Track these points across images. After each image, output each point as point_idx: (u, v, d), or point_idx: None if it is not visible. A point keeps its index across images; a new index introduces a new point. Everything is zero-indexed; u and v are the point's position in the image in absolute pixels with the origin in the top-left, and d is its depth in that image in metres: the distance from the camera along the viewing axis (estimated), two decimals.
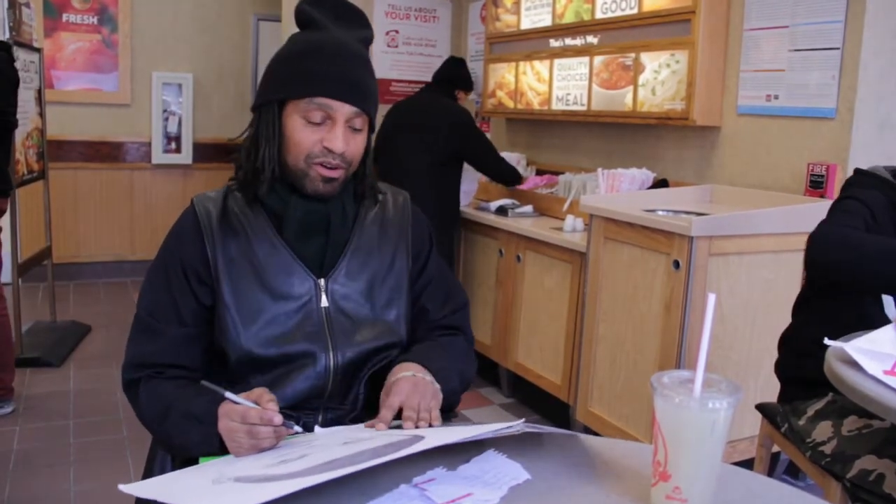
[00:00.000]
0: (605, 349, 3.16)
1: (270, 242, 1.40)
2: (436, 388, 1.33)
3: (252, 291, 1.38)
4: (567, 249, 3.50)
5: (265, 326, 1.37)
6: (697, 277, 2.74)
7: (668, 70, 3.53)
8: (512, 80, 4.70)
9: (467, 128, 4.13)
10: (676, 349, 2.79)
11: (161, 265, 1.43)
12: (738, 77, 3.43)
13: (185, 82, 6.42)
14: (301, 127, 1.35)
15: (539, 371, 3.75)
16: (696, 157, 3.71)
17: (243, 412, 1.19)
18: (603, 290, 3.15)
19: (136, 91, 6.31)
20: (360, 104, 1.37)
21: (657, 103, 3.59)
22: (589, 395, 3.25)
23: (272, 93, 1.38)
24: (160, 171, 6.45)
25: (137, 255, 6.45)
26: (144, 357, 1.39)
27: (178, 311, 1.40)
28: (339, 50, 1.37)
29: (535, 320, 3.78)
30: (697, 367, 0.95)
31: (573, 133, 4.58)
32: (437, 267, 1.59)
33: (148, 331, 1.40)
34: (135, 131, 6.34)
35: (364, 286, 1.45)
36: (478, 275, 4.23)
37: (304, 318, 1.39)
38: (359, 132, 1.40)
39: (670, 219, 2.87)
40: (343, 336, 1.40)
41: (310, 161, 1.36)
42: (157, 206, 6.47)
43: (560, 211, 4.00)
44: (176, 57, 6.42)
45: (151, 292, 1.42)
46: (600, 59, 3.95)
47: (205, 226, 1.40)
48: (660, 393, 0.95)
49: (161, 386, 1.37)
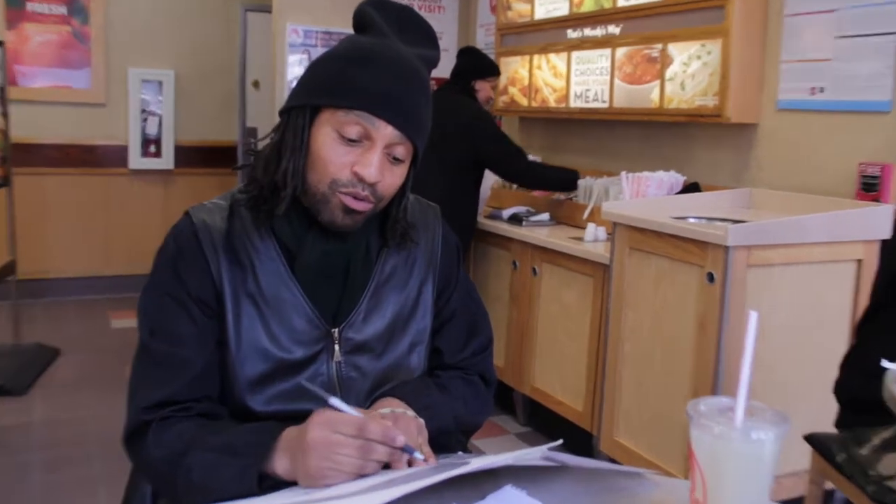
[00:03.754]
0: (631, 372, 3.14)
1: (281, 279, 1.35)
2: (419, 423, 1.29)
3: (255, 335, 1.33)
4: (588, 261, 3.49)
5: (266, 380, 1.33)
6: (735, 292, 2.71)
7: (699, 62, 3.51)
8: (526, 75, 4.70)
9: (483, 129, 4.08)
10: (712, 372, 2.76)
11: (162, 293, 1.35)
12: (779, 68, 3.41)
13: (166, 79, 6.44)
14: (332, 142, 1.29)
15: (558, 396, 3.74)
16: (732, 158, 3.69)
17: (360, 423, 1.12)
18: (628, 307, 3.14)
19: (111, 89, 6.33)
20: (407, 129, 1.30)
21: (687, 99, 3.58)
22: (614, 424, 3.23)
23: (306, 96, 1.32)
24: (138, 178, 6.46)
25: (113, 270, 6.46)
26: (166, 395, 1.30)
27: (195, 331, 1.33)
28: (396, 63, 1.31)
29: (553, 340, 3.76)
30: (738, 394, 0.93)
31: (594, 133, 4.57)
32: (462, 298, 1.56)
33: (166, 362, 1.32)
34: (110, 133, 6.36)
35: (384, 329, 1.42)
36: (489, 290, 4.22)
37: (311, 377, 1.35)
38: (398, 163, 1.33)
39: (703, 226, 2.86)
40: (355, 397, 1.37)
41: (334, 187, 1.29)
42: (135, 215, 6.48)
43: (580, 219, 3.99)
44: (155, 51, 6.44)
45: (159, 313, 1.34)
46: (623, 51, 3.94)
47: (208, 247, 1.34)
48: (696, 422, 0.93)
49: (181, 424, 1.29)
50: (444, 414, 1.41)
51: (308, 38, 5.29)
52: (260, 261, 1.35)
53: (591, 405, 3.50)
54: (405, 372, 1.44)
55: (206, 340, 1.34)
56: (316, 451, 1.13)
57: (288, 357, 1.34)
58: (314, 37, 5.31)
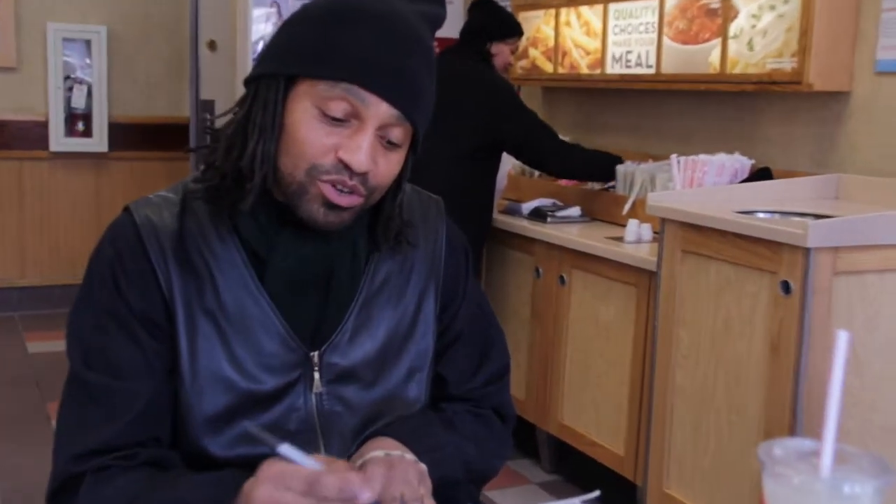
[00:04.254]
0: (686, 407, 3.15)
1: (246, 291, 1.36)
2: (420, 469, 1.30)
3: (215, 361, 1.34)
4: (630, 268, 3.48)
5: (229, 417, 1.34)
6: (817, 305, 2.71)
7: (772, 14, 3.51)
8: (551, 34, 4.70)
9: (504, 103, 4.09)
10: (789, 407, 2.76)
11: (98, 310, 1.35)
12: (879, 20, 3.40)
13: (96, 38, 6.46)
14: (311, 120, 1.29)
15: (593, 437, 3.74)
16: (814, 136, 3.69)
17: (312, 477, 1.10)
18: (681, 325, 3.14)
19: (25, 49, 6.35)
20: (406, 106, 1.30)
21: (756, 62, 3.58)
22: (664, 472, 3.23)
23: (279, 63, 1.32)
24: (62, 162, 6.48)
25: (29, 279, 6.48)
26: (104, 439, 1.30)
27: (140, 358, 1.33)
28: (391, 23, 1.31)
29: (587, 366, 3.76)
30: (825, 435, 0.93)
31: (636, 106, 4.58)
32: (471, 313, 1.57)
33: (103, 397, 1.32)
34: (24, 106, 6.38)
35: (374, 353, 1.43)
36: (506, 303, 4.21)
37: (285, 412, 1.36)
38: (395, 149, 1.33)
39: (777, 223, 2.86)
40: (340, 437, 1.39)
41: (314, 174, 1.29)
42: (59, 211, 6.50)
43: (619, 214, 3.98)
44: (82, 2, 6.46)
45: (94, 336, 1.35)
46: (674, 2, 3.94)
47: (154, 252, 1.34)
48: (771, 471, 0.93)
49: (122, 476, 1.28)
50: (451, 458, 1.41)
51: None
52: (220, 268, 1.35)
53: (635, 448, 3.50)
54: (402, 405, 1.44)
55: (154, 369, 1.34)
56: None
57: (256, 388, 1.35)
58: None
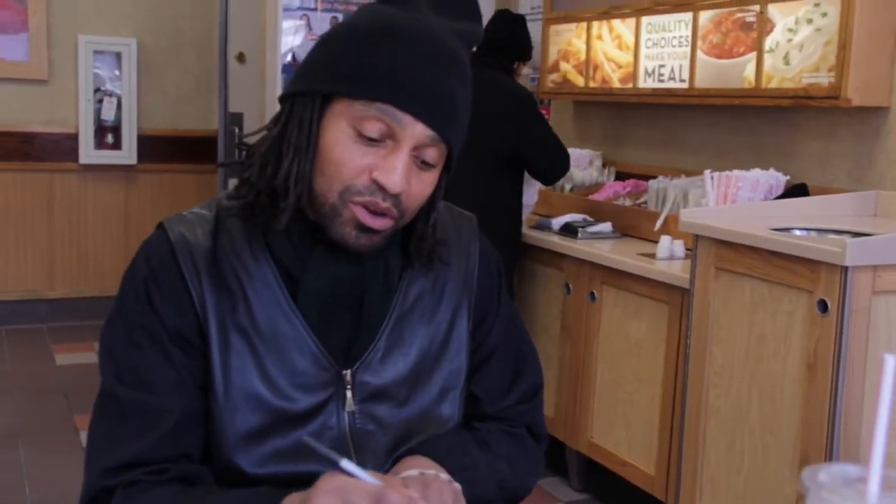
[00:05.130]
0: (719, 427, 3.13)
1: (279, 310, 1.36)
2: (456, 489, 1.30)
3: (248, 379, 1.35)
4: (662, 285, 3.49)
5: (261, 434, 1.35)
6: (855, 325, 2.70)
7: (808, 28, 3.50)
8: (582, 47, 4.70)
9: (529, 115, 4.11)
10: (826, 430, 2.74)
11: (131, 327, 1.36)
12: None
13: (126, 50, 6.50)
14: (347, 140, 1.29)
15: (623, 456, 3.74)
16: (852, 152, 3.68)
17: (377, 493, 1.11)
18: (715, 343, 3.13)
19: (56, 61, 6.39)
20: (442, 128, 1.31)
21: (793, 76, 3.57)
22: (697, 492, 3.22)
23: (316, 81, 1.33)
24: (91, 175, 6.52)
25: (58, 291, 6.52)
26: (135, 454, 1.31)
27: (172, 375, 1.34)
28: (430, 44, 1.32)
29: (618, 384, 3.76)
30: (872, 461, 0.91)
31: (669, 121, 4.58)
32: (505, 331, 1.57)
33: (135, 413, 1.33)
34: (55, 119, 6.42)
35: (407, 371, 1.43)
36: (536, 319, 4.22)
37: (318, 430, 1.37)
38: (429, 169, 1.34)
39: (813, 241, 2.85)
40: (373, 456, 1.39)
41: (347, 197, 1.30)
42: (88, 223, 6.54)
43: (651, 230, 4.00)
44: (113, 15, 6.51)
45: (127, 352, 1.36)
46: (708, 16, 3.94)
47: (188, 269, 1.36)
48: (816, 496, 0.91)
49: (152, 490, 1.29)
50: (485, 477, 1.42)
51: (307, 0, 5.32)
52: (253, 287, 1.36)
53: (667, 468, 3.49)
54: (435, 424, 1.44)
55: (186, 386, 1.35)
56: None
57: (288, 407, 1.35)
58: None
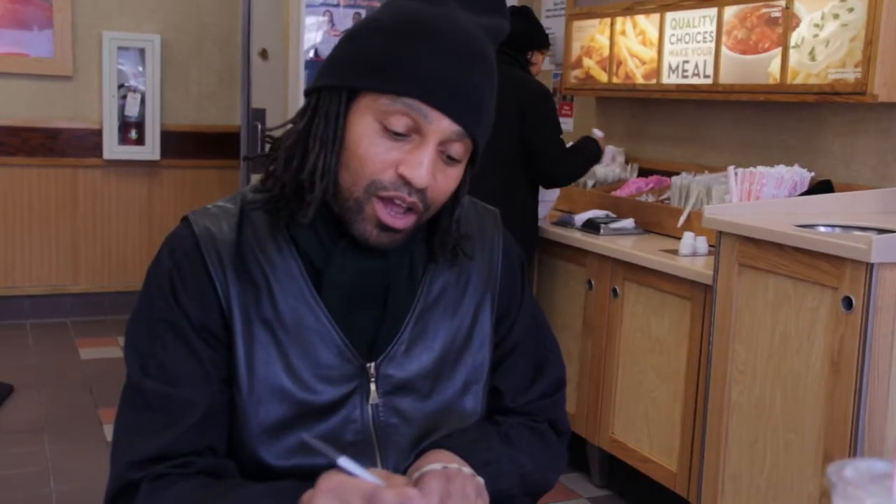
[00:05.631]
0: (742, 423, 3.13)
1: (304, 302, 1.37)
2: (478, 483, 1.30)
3: (272, 371, 1.36)
4: (685, 281, 3.48)
5: (285, 427, 1.35)
6: (881, 322, 2.69)
7: (835, 23, 3.49)
8: (606, 43, 4.70)
9: (544, 113, 4.12)
10: (850, 427, 2.73)
11: (156, 320, 1.38)
12: None
13: (150, 46, 6.52)
14: (373, 135, 1.30)
15: (645, 452, 3.74)
16: (878, 149, 3.67)
17: (371, 492, 1.12)
18: (738, 339, 3.12)
19: (80, 57, 6.42)
20: (467, 122, 1.32)
21: (819, 72, 3.56)
22: (718, 490, 3.22)
23: (342, 76, 1.33)
24: (115, 170, 6.55)
25: (82, 286, 6.55)
26: (160, 447, 1.32)
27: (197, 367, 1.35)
28: (456, 38, 1.32)
29: (639, 380, 3.76)
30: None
31: (692, 117, 4.56)
32: (527, 326, 1.58)
33: (160, 406, 1.34)
34: (79, 114, 6.45)
35: (431, 364, 1.43)
36: (558, 315, 4.21)
37: (341, 423, 1.37)
38: (454, 164, 1.35)
39: (838, 237, 2.84)
40: (396, 449, 1.40)
41: (372, 191, 1.31)
42: (111, 218, 6.57)
43: (673, 227, 3.99)
44: (137, 11, 6.53)
45: (152, 345, 1.37)
46: (733, 11, 3.93)
47: (212, 263, 1.37)
48: (842, 493, 0.92)
49: (178, 484, 1.30)
50: (508, 472, 1.42)
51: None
52: (277, 279, 1.37)
53: (689, 465, 3.49)
54: (458, 417, 1.45)
55: (211, 379, 1.36)
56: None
57: (312, 399, 1.36)
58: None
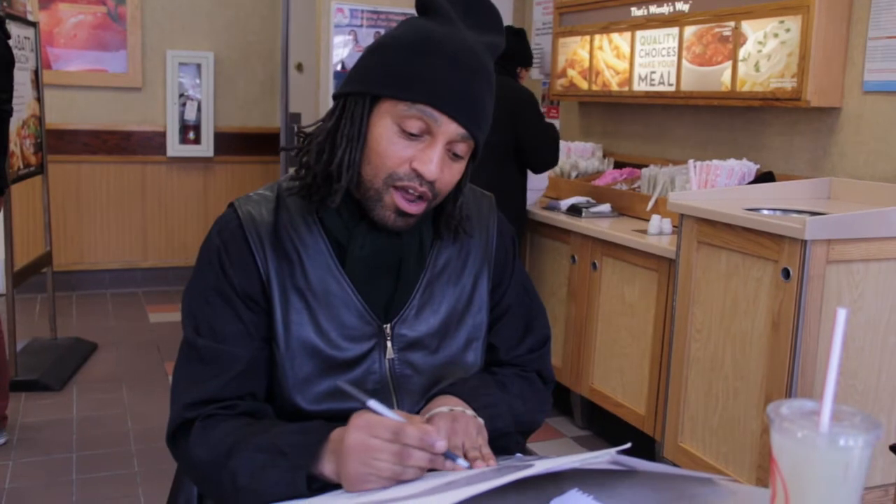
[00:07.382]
0: (698, 374, 3.13)
1: (330, 273, 1.38)
2: (479, 423, 1.33)
3: (304, 332, 1.37)
4: (652, 256, 3.48)
5: (316, 378, 1.36)
6: (812, 289, 2.68)
7: (775, 41, 3.47)
8: (586, 56, 4.68)
9: (532, 113, 4.11)
10: (787, 375, 2.73)
11: (207, 289, 1.39)
12: (866, 47, 3.34)
13: (205, 62, 6.52)
14: (391, 135, 1.31)
15: (619, 399, 3.74)
16: (811, 146, 3.65)
17: (397, 427, 1.15)
18: (696, 304, 3.12)
19: (148, 72, 6.43)
20: (471, 126, 1.32)
21: (762, 81, 3.54)
22: (679, 429, 3.22)
23: (367, 84, 1.33)
24: (176, 165, 6.56)
25: (150, 262, 6.57)
26: (210, 392, 1.34)
27: (241, 328, 1.37)
28: (463, 54, 1.32)
29: (614, 339, 3.76)
30: (825, 396, 0.91)
31: (659, 118, 4.55)
32: (517, 292, 1.58)
33: (210, 359, 1.36)
34: (147, 119, 6.46)
35: (438, 325, 1.44)
36: (546, 285, 4.22)
37: (364, 374, 1.38)
38: (458, 160, 1.36)
39: (779, 219, 2.83)
40: (410, 395, 1.41)
41: (390, 182, 1.32)
42: (174, 205, 6.58)
43: (643, 210, 3.99)
44: (194, 32, 6.52)
45: (204, 310, 1.38)
46: (692, 30, 3.91)
47: (254, 241, 1.38)
48: (778, 426, 0.91)
49: (225, 423, 1.32)
50: (503, 413, 1.42)
51: (354, 18, 5.31)
52: (308, 254, 1.38)
53: (655, 409, 3.50)
54: (461, 369, 1.46)
55: (252, 337, 1.37)
56: (353, 455, 1.15)
57: (338, 355, 1.37)
58: (360, 16, 5.33)
